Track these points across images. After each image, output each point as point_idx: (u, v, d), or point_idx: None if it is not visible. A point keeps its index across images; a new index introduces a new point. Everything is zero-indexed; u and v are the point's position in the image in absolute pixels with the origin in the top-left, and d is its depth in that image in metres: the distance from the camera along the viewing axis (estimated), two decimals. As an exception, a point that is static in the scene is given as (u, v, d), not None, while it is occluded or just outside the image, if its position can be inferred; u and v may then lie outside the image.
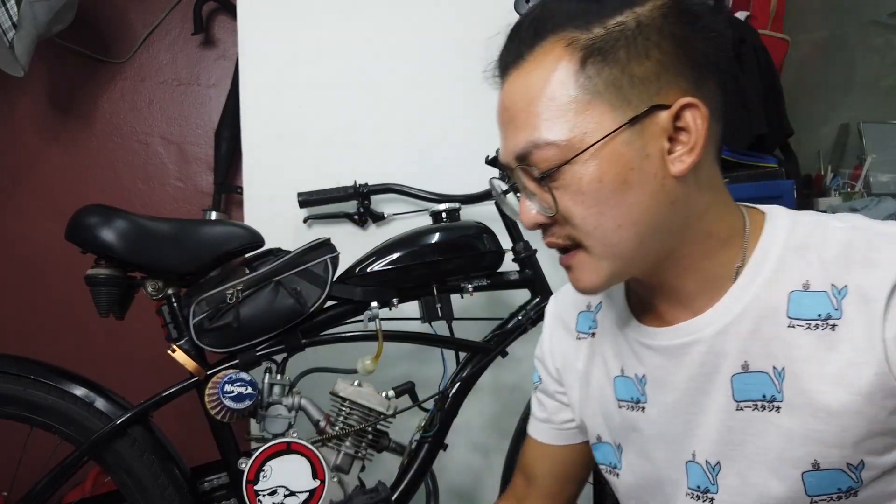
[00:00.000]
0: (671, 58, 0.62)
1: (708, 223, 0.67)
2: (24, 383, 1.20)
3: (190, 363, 1.22)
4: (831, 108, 2.19)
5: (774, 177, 1.62)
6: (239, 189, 2.02)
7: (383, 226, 1.62)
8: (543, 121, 0.63)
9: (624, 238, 0.64)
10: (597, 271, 0.66)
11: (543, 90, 0.63)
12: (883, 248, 0.61)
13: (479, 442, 1.60)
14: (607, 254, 0.65)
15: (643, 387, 0.75)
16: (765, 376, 0.65)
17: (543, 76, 0.63)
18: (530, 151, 0.64)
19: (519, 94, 0.65)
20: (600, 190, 0.62)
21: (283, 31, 1.63)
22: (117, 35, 2.13)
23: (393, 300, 1.30)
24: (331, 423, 1.24)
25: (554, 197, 0.64)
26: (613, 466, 0.81)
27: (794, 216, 0.68)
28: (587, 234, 0.65)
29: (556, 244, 0.68)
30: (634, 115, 0.61)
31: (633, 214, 0.63)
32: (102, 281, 1.21)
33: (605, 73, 0.61)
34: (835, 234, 0.64)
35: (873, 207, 1.76)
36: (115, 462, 1.22)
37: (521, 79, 0.65)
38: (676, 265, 0.68)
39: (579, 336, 0.85)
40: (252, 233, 1.27)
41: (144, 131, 2.15)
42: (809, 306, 0.63)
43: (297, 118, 1.63)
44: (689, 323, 0.69)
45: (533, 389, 0.93)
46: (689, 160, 0.63)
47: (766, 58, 1.71)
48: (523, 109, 0.64)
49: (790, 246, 0.66)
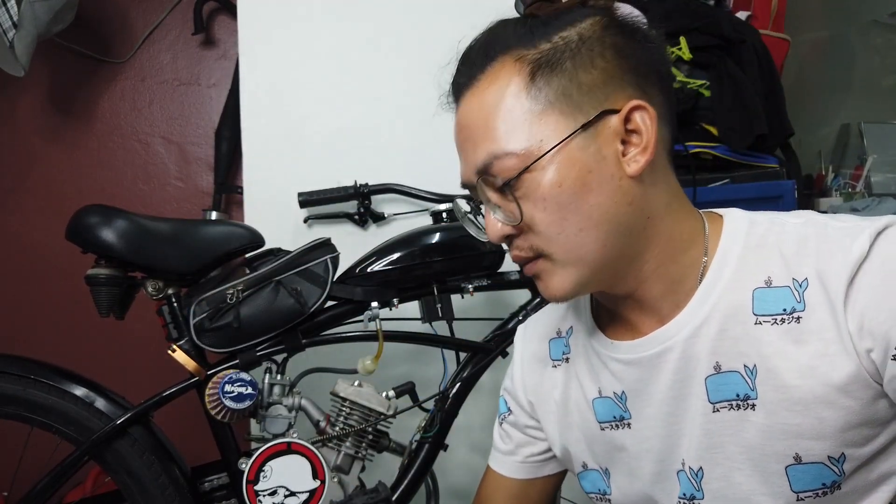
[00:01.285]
0: (615, 66, 0.65)
1: (668, 225, 0.68)
2: (24, 383, 1.20)
3: (190, 363, 1.22)
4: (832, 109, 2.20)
5: (775, 177, 1.62)
6: (239, 189, 2.02)
7: (384, 226, 1.62)
8: (502, 133, 0.65)
9: (586, 241, 0.66)
10: (563, 277, 0.68)
11: (499, 104, 0.66)
12: (836, 239, 0.62)
13: (479, 442, 1.60)
14: (571, 259, 0.67)
15: (624, 403, 0.75)
16: (737, 375, 0.66)
17: (498, 92, 0.66)
18: (491, 163, 0.66)
19: (475, 111, 0.68)
20: (561, 194, 0.64)
21: (283, 32, 1.63)
22: (118, 35, 2.14)
23: (393, 300, 1.29)
24: (331, 424, 1.24)
25: (518, 204, 0.66)
26: (603, 493, 0.81)
27: (751, 216, 0.70)
28: (550, 240, 0.66)
29: (520, 257, 0.70)
30: (586, 121, 0.64)
31: (594, 217, 0.65)
32: (103, 281, 1.21)
33: (555, 83, 0.64)
34: (791, 229, 0.66)
35: (874, 207, 1.76)
36: (116, 462, 1.22)
37: (476, 97, 0.68)
38: (640, 271, 0.69)
39: (554, 364, 0.85)
40: (252, 233, 1.27)
41: (145, 131, 2.15)
42: (774, 301, 0.64)
43: (298, 118, 1.63)
44: (659, 331, 0.70)
45: (498, 421, 0.93)
46: (642, 159, 0.65)
47: (766, 58, 1.70)
48: (481, 125, 0.67)
49: (749, 244, 0.67)
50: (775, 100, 1.70)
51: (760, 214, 0.70)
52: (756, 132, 1.60)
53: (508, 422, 0.91)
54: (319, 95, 1.64)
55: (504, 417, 0.92)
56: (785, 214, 0.68)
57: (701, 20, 1.67)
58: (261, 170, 1.62)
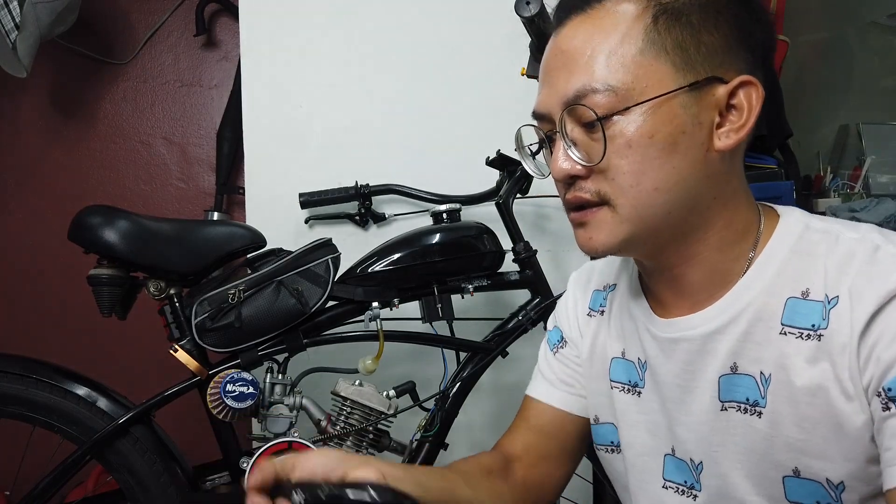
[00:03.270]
0: (735, 36, 0.63)
1: (730, 211, 0.67)
2: (26, 383, 1.20)
3: (192, 363, 1.22)
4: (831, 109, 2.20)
5: (774, 178, 1.63)
6: (241, 189, 2.02)
7: (384, 226, 1.63)
8: (606, 67, 0.62)
9: (656, 202, 0.63)
10: (614, 233, 0.65)
11: (610, 36, 0.62)
12: (882, 265, 0.59)
13: (479, 442, 1.61)
14: (633, 216, 0.64)
15: (643, 372, 0.76)
16: (751, 380, 0.65)
17: (613, 24, 0.63)
18: (586, 94, 0.63)
19: (582, 37, 0.64)
20: (649, 146, 0.62)
21: (284, 33, 1.64)
22: (120, 36, 2.14)
23: (394, 300, 1.30)
24: (332, 423, 1.25)
25: (605, 142, 0.62)
26: (617, 445, 0.80)
27: (809, 221, 0.67)
28: (622, 191, 0.63)
29: (581, 199, 0.66)
30: (695, 81, 0.62)
31: (672, 179, 0.63)
32: (105, 281, 1.21)
33: (675, 33, 0.62)
34: (843, 243, 0.63)
35: (873, 209, 1.76)
36: (118, 461, 1.22)
37: (587, 23, 0.64)
38: (687, 250, 0.67)
39: (590, 313, 0.86)
40: (254, 233, 1.28)
41: (147, 132, 2.16)
42: (805, 315, 0.62)
43: (299, 119, 1.64)
44: (683, 319, 0.70)
45: (551, 352, 0.89)
46: (735, 137, 0.64)
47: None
48: (585, 54, 0.63)
49: (798, 251, 0.65)
50: (774, 101, 1.70)
51: (820, 220, 0.67)
52: (755, 133, 1.60)
53: (563, 353, 0.88)
54: (320, 96, 1.64)
55: (558, 348, 0.89)
56: (845, 225, 0.65)
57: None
58: (262, 170, 1.63)
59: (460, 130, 1.65)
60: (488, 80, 1.61)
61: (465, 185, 1.49)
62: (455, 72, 1.64)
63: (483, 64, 1.63)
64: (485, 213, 1.44)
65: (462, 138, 1.64)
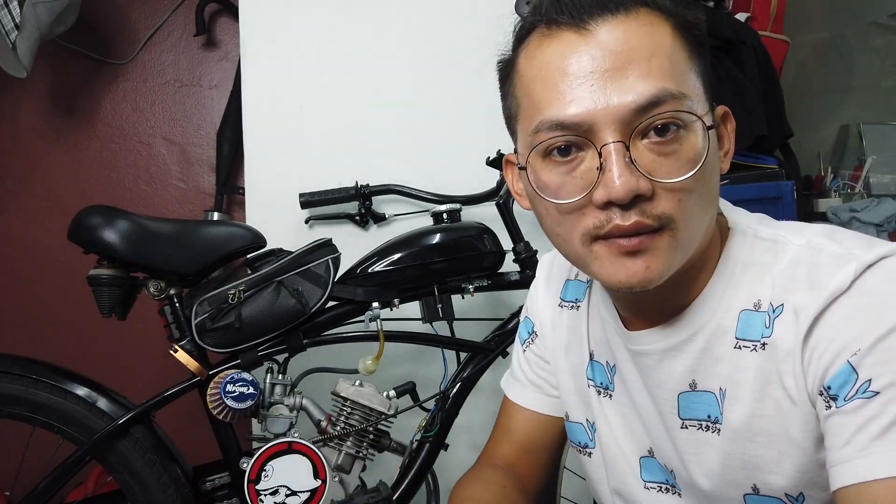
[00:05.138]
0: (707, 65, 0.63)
1: (708, 234, 0.64)
2: (26, 383, 1.20)
3: (192, 363, 1.22)
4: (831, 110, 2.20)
5: (775, 178, 1.63)
6: (241, 190, 2.02)
7: (384, 226, 1.62)
8: (672, 74, 0.56)
9: (703, 226, 0.60)
10: (671, 262, 0.58)
11: (666, 48, 0.57)
12: (824, 269, 0.58)
13: (479, 442, 1.60)
14: (688, 243, 0.59)
15: (612, 376, 0.75)
16: (711, 396, 0.64)
17: (662, 35, 0.58)
18: (664, 100, 0.55)
19: (637, 41, 0.56)
20: (707, 165, 0.57)
21: (284, 33, 1.63)
22: (120, 36, 2.14)
23: (394, 300, 1.30)
24: (332, 423, 1.25)
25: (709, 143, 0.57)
26: (585, 446, 0.80)
27: (756, 230, 0.65)
28: (686, 214, 0.57)
29: (642, 225, 0.56)
30: (711, 104, 0.61)
31: (712, 204, 0.60)
32: (105, 281, 1.21)
33: (699, 62, 0.61)
34: (790, 252, 0.61)
35: (873, 208, 1.76)
36: (118, 462, 1.22)
37: (635, 28, 0.57)
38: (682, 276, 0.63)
39: (561, 304, 0.82)
40: (254, 233, 1.28)
41: (147, 132, 2.16)
42: (755, 326, 0.61)
43: (299, 119, 1.64)
44: (643, 334, 0.68)
45: (521, 348, 0.87)
46: (727, 161, 0.64)
47: (766, 59, 1.71)
48: (645, 59, 0.56)
49: (747, 263, 0.63)
50: (775, 101, 1.70)
51: (767, 227, 0.65)
52: (755, 133, 1.61)
53: (532, 350, 0.86)
54: (320, 97, 1.64)
55: (528, 344, 0.86)
56: (791, 231, 0.63)
57: (700, 21, 1.68)
58: (262, 171, 1.63)
59: (460, 130, 1.65)
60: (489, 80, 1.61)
61: (465, 185, 1.49)
62: (455, 71, 1.64)
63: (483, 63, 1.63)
64: (485, 213, 1.44)
65: (462, 138, 1.64)
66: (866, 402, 0.52)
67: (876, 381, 0.52)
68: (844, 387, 0.54)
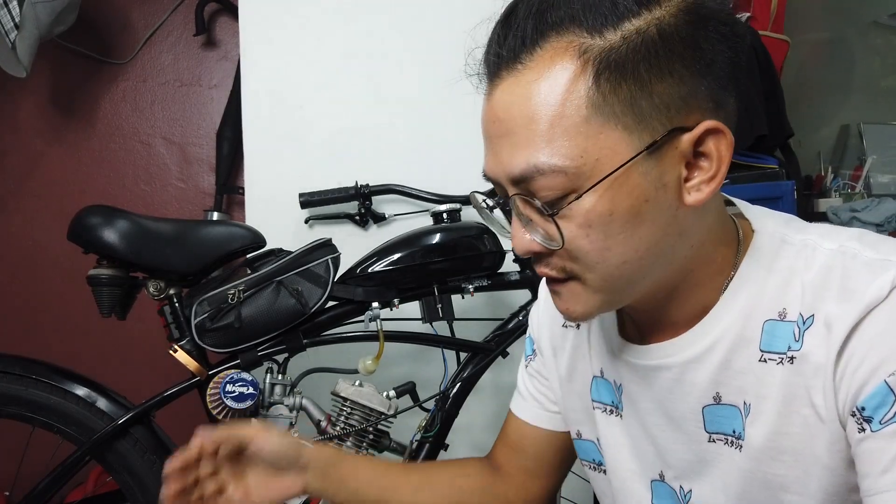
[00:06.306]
0: (694, 72, 0.54)
1: (709, 249, 0.61)
2: (26, 383, 1.20)
3: (191, 363, 1.22)
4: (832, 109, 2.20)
5: (775, 177, 1.63)
6: (240, 190, 2.02)
7: (384, 226, 1.62)
8: (549, 142, 0.54)
9: (627, 272, 0.58)
10: (589, 303, 0.60)
11: (550, 106, 0.53)
12: (858, 276, 0.54)
13: (479, 442, 1.60)
14: (605, 288, 0.59)
15: (620, 395, 0.72)
16: (735, 410, 0.61)
17: (550, 89, 0.53)
18: (532, 177, 0.55)
19: (517, 104, 0.55)
20: (611, 224, 0.55)
21: (284, 33, 1.63)
22: (119, 36, 2.14)
23: (394, 300, 1.30)
24: (332, 423, 1.25)
25: (559, 229, 0.56)
26: (599, 463, 0.78)
27: (784, 233, 0.61)
28: (588, 268, 0.58)
29: (548, 275, 0.60)
30: (653, 141, 0.53)
31: (641, 249, 0.56)
32: (104, 281, 1.21)
33: (623, 91, 0.53)
34: (820, 257, 0.57)
35: (874, 208, 1.76)
36: (117, 462, 1.22)
37: (519, 86, 0.55)
38: (668, 296, 0.63)
39: (565, 323, 0.80)
40: (254, 233, 1.28)
41: (146, 132, 2.15)
42: (781, 338, 0.58)
43: (299, 119, 1.64)
44: (660, 346, 0.65)
45: (524, 364, 0.86)
46: (707, 190, 0.56)
47: (766, 59, 1.71)
48: (523, 126, 0.54)
49: (774, 269, 0.60)
50: (775, 101, 1.70)
51: (797, 230, 0.61)
52: (756, 133, 1.61)
53: (533, 367, 0.85)
54: (320, 96, 1.64)
55: (529, 361, 0.85)
56: (821, 236, 0.59)
57: (701, 21, 1.68)
58: (262, 170, 1.62)
59: (460, 130, 1.64)
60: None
61: (466, 186, 1.48)
62: (455, 71, 1.64)
63: (483, 64, 1.63)
64: (485, 213, 1.44)
65: (462, 138, 1.63)
66: None
67: None
68: (880, 409, 0.51)
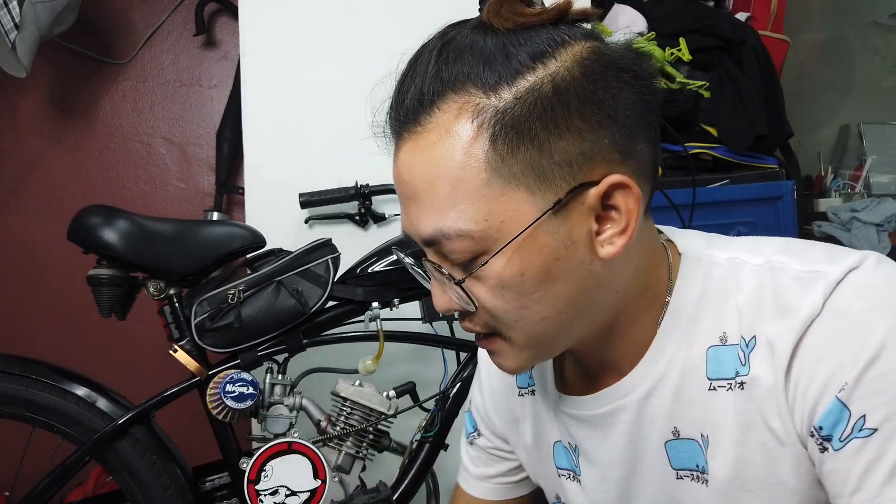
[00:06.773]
0: (596, 124, 0.52)
1: (637, 288, 0.60)
2: (26, 383, 1.20)
3: (191, 363, 1.22)
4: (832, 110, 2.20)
5: (775, 178, 1.63)
6: (240, 190, 2.02)
7: (384, 226, 1.62)
8: (453, 205, 0.53)
9: (548, 328, 0.57)
10: (519, 358, 0.60)
11: (450, 170, 0.52)
12: (791, 292, 0.53)
13: (479, 442, 1.60)
14: (530, 343, 0.58)
15: (577, 457, 0.70)
16: (695, 444, 0.60)
17: (449, 153, 0.52)
18: (439, 241, 0.54)
19: (419, 168, 0.54)
20: (523, 284, 0.54)
21: (284, 33, 1.63)
22: (119, 36, 2.14)
23: (394, 300, 1.30)
24: (332, 423, 1.25)
25: (468, 293, 0.56)
26: None
27: (711, 255, 0.60)
28: (509, 326, 0.57)
29: (475, 331, 0.60)
30: (557, 200, 0.52)
31: (560, 305, 0.56)
32: (104, 281, 1.21)
33: (521, 153, 0.51)
34: (749, 276, 0.57)
35: (873, 208, 1.76)
36: (117, 462, 1.22)
37: (419, 150, 0.54)
38: (605, 337, 0.62)
39: (520, 392, 0.77)
40: (253, 233, 1.28)
41: (146, 132, 2.15)
42: (727, 363, 0.57)
43: (299, 119, 1.64)
44: (612, 388, 0.63)
45: (467, 441, 0.85)
46: (620, 243, 0.55)
47: (766, 59, 1.71)
48: (427, 190, 0.54)
49: (706, 293, 0.59)
50: (775, 101, 1.70)
51: (721, 248, 0.60)
52: (756, 133, 1.61)
53: (478, 444, 0.84)
54: (320, 96, 1.64)
55: (472, 439, 0.84)
56: (748, 252, 0.59)
57: (701, 21, 1.68)
58: (262, 170, 1.62)
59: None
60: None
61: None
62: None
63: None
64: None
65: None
66: (865, 441, 0.49)
67: (871, 417, 0.49)
68: (837, 426, 0.50)
